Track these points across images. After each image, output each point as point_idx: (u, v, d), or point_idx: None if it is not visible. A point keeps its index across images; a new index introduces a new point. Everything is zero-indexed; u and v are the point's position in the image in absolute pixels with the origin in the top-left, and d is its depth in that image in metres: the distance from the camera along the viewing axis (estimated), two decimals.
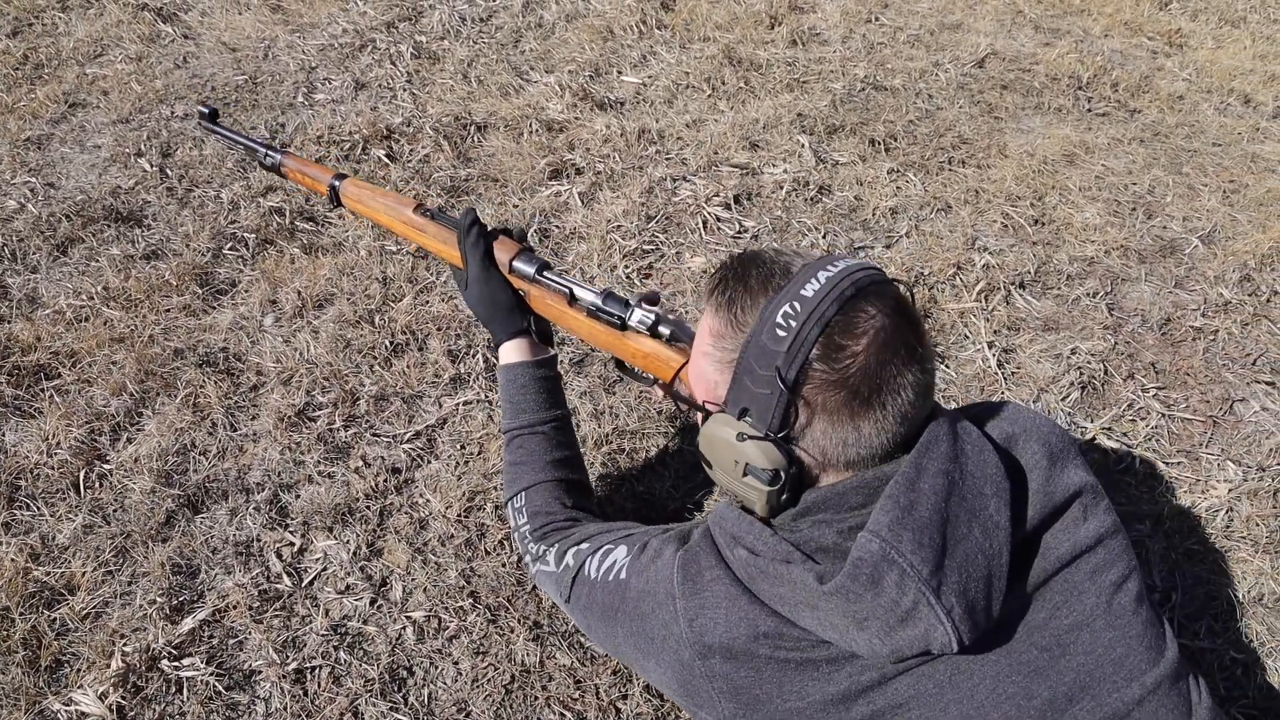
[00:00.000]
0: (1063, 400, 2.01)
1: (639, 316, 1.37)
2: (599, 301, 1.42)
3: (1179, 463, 1.90)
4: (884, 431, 0.95)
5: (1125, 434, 1.95)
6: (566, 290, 1.46)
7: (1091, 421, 1.97)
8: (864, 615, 0.89)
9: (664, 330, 1.36)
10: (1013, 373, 2.08)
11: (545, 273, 1.49)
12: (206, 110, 1.84)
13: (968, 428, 0.99)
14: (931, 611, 0.87)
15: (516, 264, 1.50)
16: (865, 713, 0.94)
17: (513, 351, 1.52)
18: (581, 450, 1.81)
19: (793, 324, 0.93)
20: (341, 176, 1.73)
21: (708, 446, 1.05)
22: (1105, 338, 2.15)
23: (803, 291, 0.95)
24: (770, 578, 0.96)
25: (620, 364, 1.46)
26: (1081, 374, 2.06)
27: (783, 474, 0.97)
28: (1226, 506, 1.80)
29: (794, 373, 0.93)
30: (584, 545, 1.29)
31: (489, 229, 1.54)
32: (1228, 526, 1.78)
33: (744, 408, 0.99)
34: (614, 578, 1.18)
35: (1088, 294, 2.27)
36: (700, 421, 1.09)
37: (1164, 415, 1.98)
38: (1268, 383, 2.05)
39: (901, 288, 1.00)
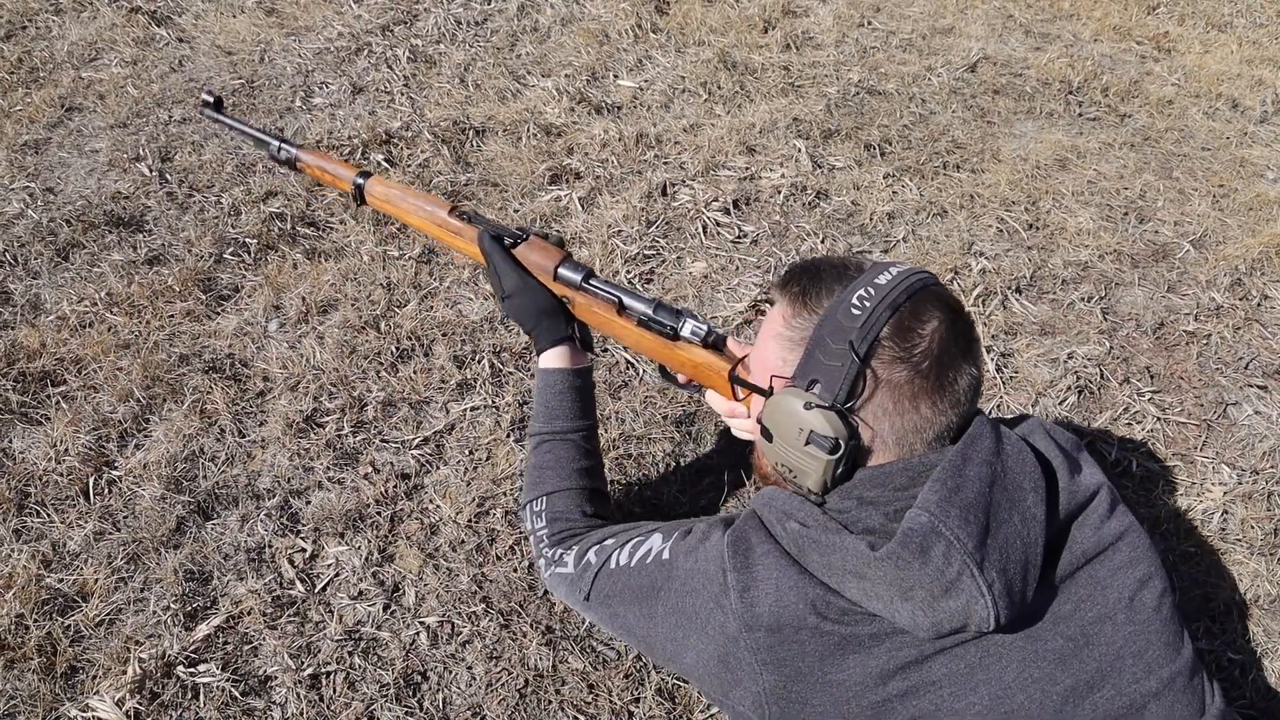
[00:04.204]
0: (1060, 404, 2.04)
1: (691, 327, 1.38)
2: (650, 312, 1.42)
3: (1174, 466, 1.94)
4: (939, 415, 1.03)
5: (1121, 437, 1.98)
6: (616, 299, 1.46)
7: (1089, 425, 2.00)
8: (910, 584, 0.94)
9: (716, 341, 1.39)
10: (1011, 377, 2.11)
11: (591, 280, 1.48)
12: (211, 99, 1.75)
13: (1007, 430, 1.07)
14: (974, 583, 0.93)
15: (562, 271, 1.50)
16: (900, 689, 0.99)
17: (554, 358, 1.53)
18: None
19: (867, 304, 1.02)
20: (366, 174, 1.68)
21: (771, 417, 1.10)
22: (1101, 342, 2.19)
23: (876, 280, 1.04)
24: (821, 547, 1.02)
25: (664, 371, 1.48)
26: (1078, 378, 2.09)
27: (843, 444, 1.03)
28: (1221, 509, 1.84)
29: (865, 346, 1.01)
30: (609, 542, 1.32)
31: (516, 232, 1.54)
32: (1223, 529, 1.82)
33: (813, 379, 1.05)
34: (654, 560, 1.21)
35: (1083, 298, 2.31)
36: (752, 409, 1.17)
37: (1159, 419, 2.02)
38: (1260, 386, 2.09)
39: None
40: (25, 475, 1.86)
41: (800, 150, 2.77)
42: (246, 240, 2.43)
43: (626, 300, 1.45)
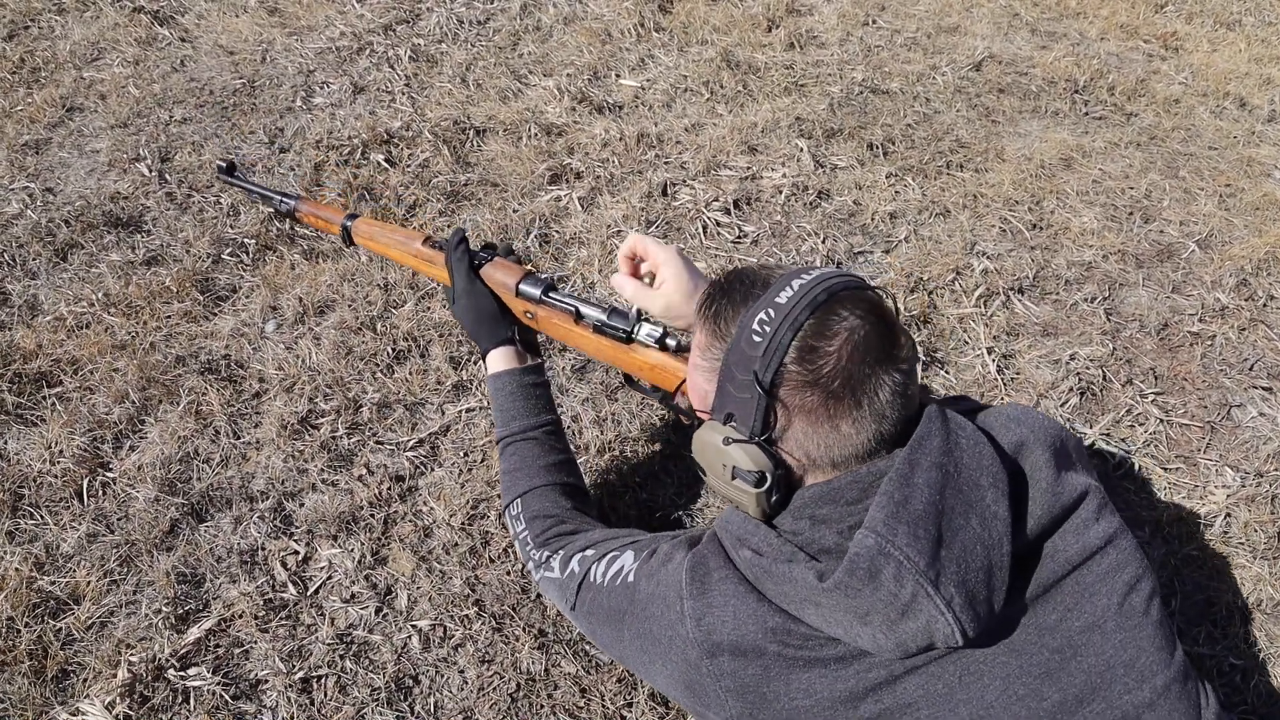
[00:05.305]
0: (1062, 406, 2.02)
1: (646, 330, 1.40)
2: (604, 317, 1.45)
3: (1178, 468, 1.91)
4: (863, 431, 0.98)
5: (1124, 439, 1.96)
6: (572, 309, 1.50)
7: (1091, 427, 1.98)
8: (865, 610, 0.91)
9: (671, 342, 1.38)
10: (1012, 378, 2.09)
11: (551, 293, 1.52)
12: (224, 164, 1.92)
13: (961, 421, 1.02)
14: (931, 602, 0.89)
15: (523, 287, 1.54)
16: (873, 711, 0.96)
17: (499, 360, 1.56)
18: (581, 456, 1.83)
19: (767, 329, 0.97)
20: (353, 216, 1.79)
21: (699, 453, 1.08)
22: (1104, 343, 2.17)
23: (776, 299, 0.99)
24: (775, 577, 0.98)
25: (629, 378, 1.48)
26: (1080, 379, 2.07)
27: (768, 476, 1.00)
28: (1225, 512, 1.82)
29: (770, 376, 0.97)
30: (589, 551, 1.30)
31: (483, 246, 1.60)
32: (1226, 532, 1.79)
33: (728, 413, 1.02)
34: (621, 582, 1.19)
35: (1086, 299, 2.29)
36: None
37: (1162, 421, 2.00)
38: (1264, 388, 2.07)
39: (881, 295, 1.03)
40: (19, 477, 1.86)
41: (802, 149, 2.75)
42: (245, 241, 2.42)
43: (583, 309, 1.49)
